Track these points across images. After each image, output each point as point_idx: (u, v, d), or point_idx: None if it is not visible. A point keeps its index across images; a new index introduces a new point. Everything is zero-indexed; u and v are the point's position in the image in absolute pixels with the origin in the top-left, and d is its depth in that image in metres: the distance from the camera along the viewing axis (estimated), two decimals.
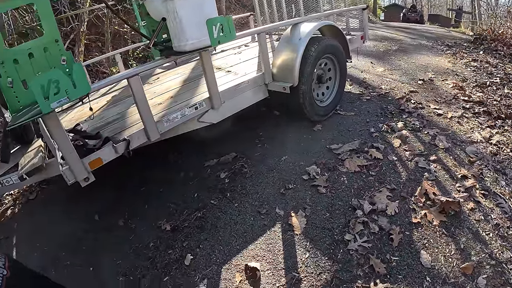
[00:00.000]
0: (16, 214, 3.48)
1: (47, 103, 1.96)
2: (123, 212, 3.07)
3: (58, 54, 2.40)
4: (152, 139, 2.61)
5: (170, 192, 3.18)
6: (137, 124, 2.75)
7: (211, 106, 2.97)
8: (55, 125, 2.19)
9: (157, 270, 2.52)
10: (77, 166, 2.29)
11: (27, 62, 2.32)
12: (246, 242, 2.57)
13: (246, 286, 2.29)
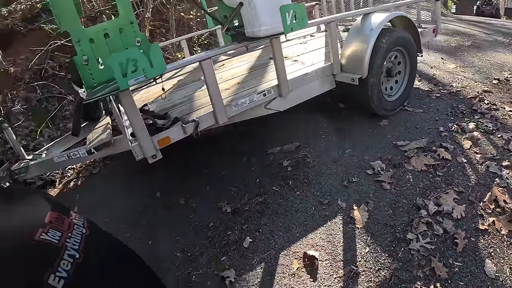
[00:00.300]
0: (78, 187, 3.69)
1: (124, 80, 2.07)
2: (185, 191, 3.18)
3: (133, 35, 2.51)
4: (220, 122, 2.68)
5: (232, 176, 3.24)
6: (205, 107, 2.83)
7: (279, 93, 2.98)
8: (129, 102, 2.31)
9: (216, 249, 2.60)
10: (146, 143, 2.40)
11: (102, 42, 2.44)
12: (306, 230, 2.58)
13: (303, 273, 2.31)
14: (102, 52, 2.45)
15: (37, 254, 0.85)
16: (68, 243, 0.89)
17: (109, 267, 0.99)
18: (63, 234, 0.90)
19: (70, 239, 0.91)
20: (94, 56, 2.43)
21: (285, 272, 2.34)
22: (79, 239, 0.94)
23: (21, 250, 0.83)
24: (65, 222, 0.95)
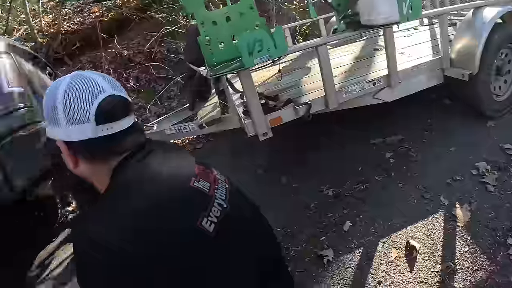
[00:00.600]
0: None
1: (250, 58, 2.24)
2: (287, 171, 3.29)
3: (252, 19, 2.67)
4: (331, 107, 2.76)
5: (335, 161, 3.31)
6: (315, 92, 2.93)
7: (388, 84, 2.99)
8: (248, 81, 2.49)
9: (316, 229, 2.68)
10: (260, 121, 2.55)
11: (224, 24, 2.63)
12: (406, 222, 2.58)
13: (401, 263, 2.33)
14: (223, 34, 2.64)
15: (194, 197, 0.96)
16: (216, 193, 1.00)
17: (247, 222, 1.09)
18: (211, 185, 1.01)
19: (217, 190, 1.02)
20: (216, 37, 2.62)
21: (382, 259, 2.37)
22: (225, 192, 1.04)
23: (183, 192, 0.95)
24: (211, 176, 1.05)
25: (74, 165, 0.96)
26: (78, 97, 0.90)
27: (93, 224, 0.84)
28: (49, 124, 0.96)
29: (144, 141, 1.01)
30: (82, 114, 0.90)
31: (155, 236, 0.83)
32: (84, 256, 0.82)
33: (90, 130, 0.90)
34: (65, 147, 0.94)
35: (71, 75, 0.97)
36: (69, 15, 7.24)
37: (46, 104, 0.96)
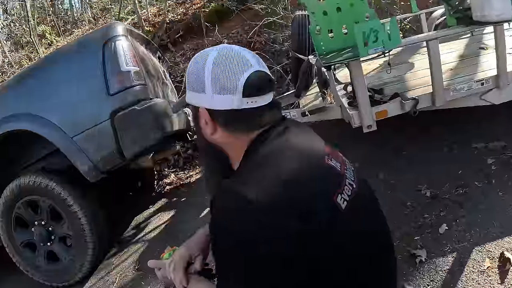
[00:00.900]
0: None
1: (365, 49, 2.23)
2: (383, 167, 3.23)
3: (363, 10, 2.65)
4: (437, 104, 2.66)
5: (433, 161, 3.18)
6: (421, 88, 2.84)
7: (496, 85, 2.79)
8: (358, 72, 2.47)
9: (411, 228, 2.61)
10: (366, 113, 2.53)
11: (334, 15, 2.65)
12: (503, 233, 2.39)
13: (493, 273, 2.17)
14: (333, 23, 2.66)
15: (329, 174, 0.98)
16: (346, 173, 1.02)
17: (371, 202, 1.12)
18: (341, 165, 1.03)
19: (347, 170, 1.04)
20: (326, 27, 2.65)
21: (475, 268, 2.23)
22: (353, 173, 1.06)
23: (320, 168, 0.98)
24: (339, 156, 1.08)
25: (212, 131, 1.02)
26: (227, 68, 0.95)
27: (245, 186, 0.88)
28: (192, 91, 1.03)
29: (281, 117, 1.06)
30: (230, 85, 0.95)
31: (297, 206, 0.86)
32: (236, 213, 0.87)
33: (236, 102, 0.96)
34: (207, 114, 1.00)
35: (219, 46, 1.03)
36: (172, 7, 7.70)
37: (192, 71, 1.03)
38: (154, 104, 2.92)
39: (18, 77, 3.36)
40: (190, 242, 1.29)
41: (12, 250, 3.31)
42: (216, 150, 1.08)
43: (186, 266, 1.21)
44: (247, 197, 0.85)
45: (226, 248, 0.88)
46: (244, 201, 0.85)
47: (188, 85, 1.05)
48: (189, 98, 1.06)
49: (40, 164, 3.46)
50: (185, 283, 1.17)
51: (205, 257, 1.28)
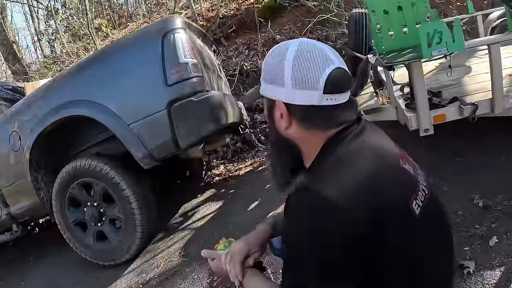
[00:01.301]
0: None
1: (429, 50, 2.18)
2: (435, 173, 3.14)
3: (424, 10, 2.59)
4: (496, 111, 2.56)
5: (488, 170, 3.07)
6: (480, 93, 2.74)
7: None
8: (419, 73, 2.42)
9: (462, 237, 2.54)
10: (424, 116, 2.47)
11: (395, 14, 2.60)
12: None
13: None
14: (393, 23, 2.61)
15: (404, 178, 0.96)
16: (419, 178, 0.99)
17: (441, 210, 1.07)
18: (414, 170, 1.00)
19: (419, 175, 1.01)
20: (386, 25, 2.61)
21: None
22: (424, 177, 1.03)
23: (396, 171, 0.96)
24: (410, 160, 1.05)
25: (287, 125, 1.00)
26: (309, 63, 0.94)
27: (324, 186, 0.87)
28: (269, 83, 1.01)
29: (358, 117, 1.04)
30: (311, 80, 0.93)
31: (374, 208, 0.85)
32: (314, 211, 0.86)
33: (316, 98, 0.94)
34: (284, 107, 0.98)
35: (298, 40, 1.00)
36: (225, 2, 7.79)
37: (269, 63, 1.01)
38: (210, 96, 2.97)
39: (78, 66, 3.51)
40: (249, 237, 1.30)
41: (64, 227, 3.50)
42: (289, 145, 1.05)
43: (243, 260, 1.22)
44: (326, 196, 0.84)
45: (300, 244, 0.88)
46: (322, 200, 0.85)
47: (264, 77, 1.04)
48: (264, 90, 1.05)
49: (95, 149, 3.64)
50: (240, 277, 1.19)
51: (261, 254, 1.29)
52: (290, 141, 1.04)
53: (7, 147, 3.65)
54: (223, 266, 1.23)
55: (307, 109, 0.96)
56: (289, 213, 0.95)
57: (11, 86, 4.92)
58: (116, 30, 10.71)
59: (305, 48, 0.96)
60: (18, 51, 11.60)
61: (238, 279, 1.19)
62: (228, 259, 1.22)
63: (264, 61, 1.04)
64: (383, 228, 0.85)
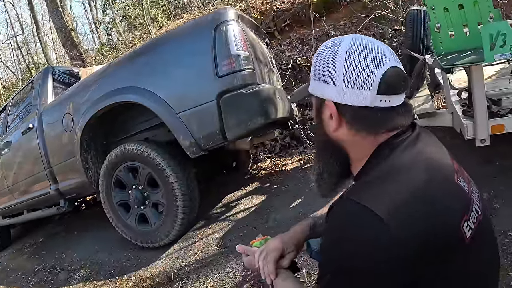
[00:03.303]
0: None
1: (491, 53, 2.03)
2: (488, 187, 2.97)
3: (487, 10, 2.43)
4: None
5: None
6: None
7: None
8: (479, 77, 2.27)
9: (507, 260, 2.37)
10: (481, 125, 2.32)
11: (455, 12, 2.45)
12: None
13: None
14: (454, 21, 2.48)
15: (458, 195, 0.87)
16: (473, 196, 0.90)
17: (492, 233, 0.98)
18: (468, 186, 0.91)
19: (473, 193, 0.92)
20: (446, 24, 2.48)
21: None
22: (478, 196, 0.93)
23: (450, 187, 0.87)
24: (465, 174, 0.95)
25: (336, 127, 0.94)
26: (363, 60, 0.87)
27: (374, 200, 0.81)
28: (319, 81, 0.95)
29: (412, 122, 0.96)
30: (365, 79, 0.86)
31: (421, 232, 0.78)
32: (355, 221, 0.82)
33: (369, 98, 0.87)
34: (334, 107, 0.92)
35: (352, 35, 0.94)
36: None
37: (320, 59, 0.95)
38: (261, 89, 2.95)
39: (132, 54, 3.59)
40: (285, 236, 1.25)
41: (108, 207, 3.66)
42: (337, 148, 0.99)
43: (277, 258, 1.19)
44: (373, 209, 0.79)
45: (339, 251, 0.84)
46: (369, 212, 0.79)
47: (313, 74, 0.97)
48: (313, 88, 0.98)
49: (143, 135, 3.72)
50: (273, 276, 1.15)
51: (296, 254, 1.26)
52: (338, 144, 0.98)
53: (61, 128, 3.82)
54: (255, 262, 1.21)
55: (359, 110, 0.89)
56: (331, 220, 0.91)
57: (68, 71, 5.14)
58: (171, 20, 10.92)
59: (359, 44, 0.89)
60: (76, 37, 12.10)
61: (270, 278, 1.15)
62: (262, 257, 1.18)
63: (314, 57, 0.98)
64: (427, 251, 0.78)
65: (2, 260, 5.52)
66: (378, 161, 0.89)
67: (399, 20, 5.50)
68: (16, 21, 23.78)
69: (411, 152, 0.89)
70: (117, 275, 3.37)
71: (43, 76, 4.51)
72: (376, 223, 0.77)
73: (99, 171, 3.71)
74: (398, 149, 0.89)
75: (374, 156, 0.91)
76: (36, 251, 5.15)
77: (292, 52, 5.96)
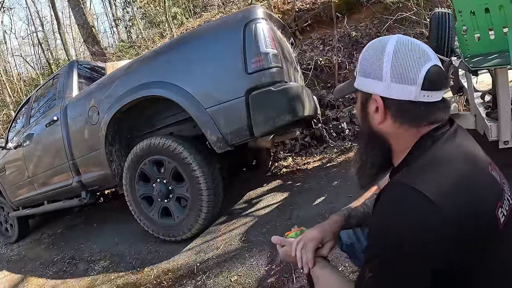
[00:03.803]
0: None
1: None
2: None
3: None
4: None
5: None
6: None
7: None
8: (505, 80, 2.29)
9: None
10: (505, 127, 2.34)
11: (481, 16, 2.45)
12: None
13: None
14: (480, 25, 2.48)
15: (493, 185, 0.94)
16: (504, 186, 0.97)
17: None
18: (499, 177, 0.98)
19: (504, 184, 0.98)
20: (473, 27, 2.48)
21: None
22: (509, 186, 1.00)
23: (486, 177, 0.94)
24: (495, 166, 1.02)
25: (382, 120, 1.01)
26: (409, 58, 0.94)
27: (422, 184, 0.86)
28: (366, 77, 1.02)
29: (450, 118, 1.04)
30: (410, 75, 0.94)
31: (468, 214, 0.84)
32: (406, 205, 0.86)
33: (413, 93, 0.94)
34: (381, 101, 0.99)
35: (396, 36, 1.01)
36: None
37: (367, 57, 1.02)
38: (289, 87, 2.97)
39: (160, 49, 3.60)
40: (324, 226, 1.30)
41: (131, 200, 3.71)
42: (380, 140, 1.06)
43: (316, 248, 1.23)
44: (422, 192, 0.84)
45: (387, 242, 0.88)
46: (419, 195, 0.84)
47: (360, 70, 1.04)
48: (360, 84, 1.05)
49: (168, 130, 3.77)
50: (311, 264, 1.19)
51: (334, 244, 1.29)
52: (382, 136, 1.05)
53: (85, 121, 3.90)
54: (292, 252, 1.24)
55: (403, 104, 0.97)
56: (381, 207, 0.94)
57: (92, 65, 5.21)
58: (191, 19, 11.00)
59: (404, 43, 0.97)
60: (96, 34, 12.23)
61: (307, 266, 1.19)
62: (300, 246, 1.23)
63: (362, 55, 1.05)
64: (469, 238, 0.84)
65: (20, 249, 5.63)
66: (421, 152, 0.96)
67: (420, 22, 5.48)
68: (36, 17, 24.26)
69: (451, 145, 0.96)
70: (138, 267, 3.42)
71: (68, 70, 4.57)
72: (425, 204, 0.83)
73: (122, 164, 3.76)
74: (439, 141, 0.96)
75: (416, 147, 0.98)
76: (55, 242, 5.24)
77: (313, 52, 5.96)
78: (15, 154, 5.29)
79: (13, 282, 4.39)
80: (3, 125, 13.90)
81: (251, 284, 2.55)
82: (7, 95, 15.04)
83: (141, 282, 3.14)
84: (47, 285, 3.89)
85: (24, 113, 5.55)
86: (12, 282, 4.39)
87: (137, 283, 3.16)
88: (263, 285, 2.49)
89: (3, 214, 6.27)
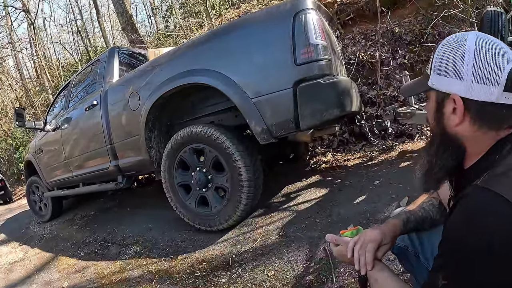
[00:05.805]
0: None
1: None
2: None
3: None
4: None
5: None
6: None
7: None
8: None
9: None
10: None
11: None
12: None
13: None
14: None
15: None
16: None
17: None
18: None
19: None
20: None
21: None
22: None
23: None
24: None
25: (459, 122, 0.95)
26: (491, 56, 0.89)
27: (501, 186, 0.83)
28: (443, 75, 0.96)
29: None
30: (493, 75, 0.88)
31: None
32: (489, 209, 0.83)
33: (495, 94, 0.88)
34: (461, 102, 0.93)
35: (473, 32, 0.95)
36: None
37: (445, 54, 0.96)
38: (339, 81, 2.89)
39: (206, 36, 3.56)
40: (384, 228, 1.27)
41: (168, 187, 3.70)
42: (454, 142, 1.00)
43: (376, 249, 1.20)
44: (505, 197, 0.80)
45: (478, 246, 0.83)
46: (503, 200, 0.80)
47: (436, 68, 0.98)
48: (435, 83, 0.99)
49: (208, 119, 3.76)
50: (370, 266, 1.16)
51: (391, 247, 1.28)
52: (456, 139, 0.99)
53: (125, 106, 3.92)
54: (349, 252, 1.21)
55: (484, 106, 0.91)
56: (464, 212, 0.89)
57: (132, 52, 5.25)
58: (229, 9, 10.98)
59: (484, 41, 0.91)
60: (135, 22, 12.38)
61: (365, 268, 1.16)
62: (358, 246, 1.20)
63: (438, 52, 0.99)
64: None
65: (53, 228, 5.76)
66: (499, 156, 0.91)
67: (466, 21, 5.27)
68: (75, 6, 24.91)
69: None
70: (172, 255, 3.42)
71: (109, 56, 4.62)
72: (508, 208, 0.79)
73: (161, 151, 3.77)
74: None
75: (493, 152, 0.93)
76: (87, 223, 5.33)
77: (355, 47, 5.82)
78: (52, 136, 5.41)
79: (44, 260, 4.48)
80: (41, 108, 14.31)
81: (288, 281, 2.49)
82: (46, 79, 15.47)
83: (174, 270, 3.12)
84: (78, 265, 3.94)
85: (63, 97, 5.66)
86: (43, 260, 4.47)
87: (169, 270, 3.15)
88: (301, 282, 2.43)
89: (38, 194, 6.44)
